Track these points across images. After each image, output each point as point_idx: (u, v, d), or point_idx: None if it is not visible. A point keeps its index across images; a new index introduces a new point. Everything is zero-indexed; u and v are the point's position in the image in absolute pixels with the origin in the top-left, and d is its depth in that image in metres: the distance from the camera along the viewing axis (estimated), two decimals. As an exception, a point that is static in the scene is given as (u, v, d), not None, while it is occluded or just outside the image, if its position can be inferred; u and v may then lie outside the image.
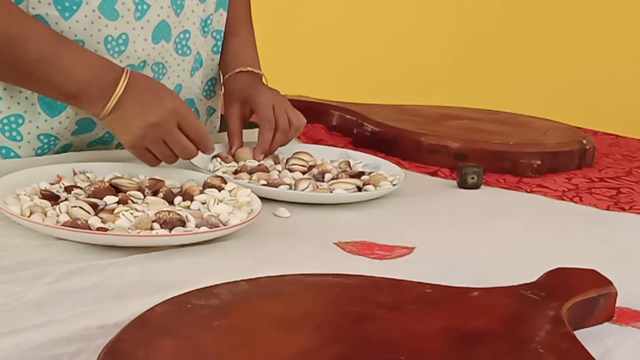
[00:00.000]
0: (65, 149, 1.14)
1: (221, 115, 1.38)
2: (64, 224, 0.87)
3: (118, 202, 0.94)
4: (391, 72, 2.57)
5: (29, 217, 0.88)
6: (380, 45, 2.63)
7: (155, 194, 0.99)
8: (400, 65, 2.58)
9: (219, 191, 1.01)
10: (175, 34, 1.17)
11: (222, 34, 1.28)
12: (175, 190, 1.01)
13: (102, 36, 1.09)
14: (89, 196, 0.94)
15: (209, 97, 1.31)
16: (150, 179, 1.01)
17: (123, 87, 1.02)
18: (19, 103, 1.10)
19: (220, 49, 1.29)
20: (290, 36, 2.51)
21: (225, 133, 1.37)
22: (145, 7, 1.12)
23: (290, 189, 1.07)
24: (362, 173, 1.15)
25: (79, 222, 0.87)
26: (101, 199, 0.94)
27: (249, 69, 1.27)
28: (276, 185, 1.07)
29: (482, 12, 2.46)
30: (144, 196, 0.98)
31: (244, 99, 1.23)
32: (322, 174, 1.13)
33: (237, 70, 1.26)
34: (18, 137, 1.11)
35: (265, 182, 1.08)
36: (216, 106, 1.34)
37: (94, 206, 0.92)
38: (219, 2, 1.26)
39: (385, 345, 0.66)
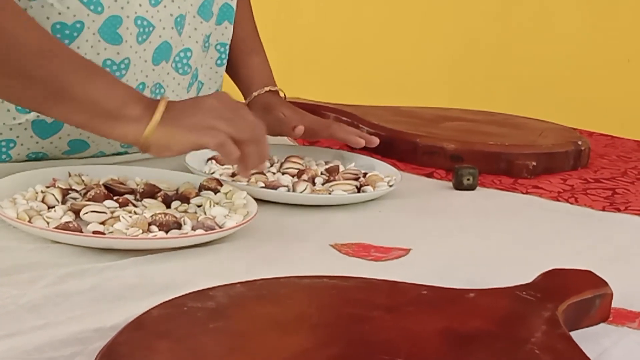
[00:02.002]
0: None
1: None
2: (59, 227, 0.86)
3: (119, 205, 0.94)
4: (387, 74, 2.57)
5: (29, 221, 0.88)
6: (376, 47, 2.63)
7: (150, 197, 0.99)
8: (396, 67, 2.58)
9: (215, 194, 1.01)
10: (175, 53, 1.16)
11: (227, 47, 1.27)
12: (170, 194, 1.01)
13: (100, 60, 1.07)
14: (88, 200, 0.94)
15: None
16: (145, 184, 1.01)
17: (168, 99, 0.95)
18: (11, 129, 1.08)
19: (224, 62, 1.28)
20: (286, 38, 2.51)
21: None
22: (150, 29, 1.11)
23: (288, 191, 1.07)
24: (357, 176, 1.15)
25: (70, 225, 0.87)
26: (101, 203, 0.94)
27: (277, 88, 1.29)
28: (274, 187, 1.07)
29: (478, 14, 2.47)
30: (136, 200, 0.97)
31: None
32: (312, 179, 1.13)
33: (267, 89, 1.27)
34: (7, 159, 1.10)
35: (263, 185, 1.08)
36: None
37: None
38: (224, 15, 1.25)
39: (382, 347, 0.66)
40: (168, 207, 0.97)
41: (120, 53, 1.09)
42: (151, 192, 0.99)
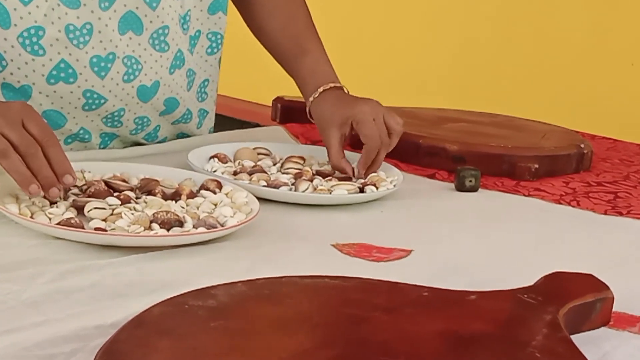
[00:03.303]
0: None
1: (216, 115, 1.38)
2: (61, 223, 0.86)
3: (121, 202, 0.94)
4: (389, 74, 2.57)
5: (31, 216, 0.89)
6: (379, 47, 2.63)
7: (149, 194, 0.99)
8: (398, 68, 2.58)
9: (215, 194, 1.00)
10: (151, 28, 1.16)
11: (219, 37, 1.27)
12: (168, 191, 1.00)
13: (62, 24, 1.08)
14: (90, 197, 0.94)
15: (201, 100, 1.30)
16: (142, 179, 1.01)
17: None
18: None
19: (215, 51, 1.28)
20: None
21: (222, 133, 1.36)
22: None
23: (290, 190, 1.07)
24: (350, 178, 1.14)
25: (72, 222, 0.87)
26: (103, 200, 0.94)
27: (331, 85, 1.22)
28: (276, 186, 1.07)
29: (481, 15, 2.46)
30: (136, 196, 0.97)
31: (342, 120, 1.16)
32: (312, 179, 1.12)
33: (321, 90, 1.21)
34: None
35: (265, 183, 1.08)
36: (209, 108, 1.33)
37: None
38: (217, 5, 1.25)
39: (382, 348, 0.66)
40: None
41: (80, 17, 1.09)
42: (148, 185, 0.99)
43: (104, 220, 0.90)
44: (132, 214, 0.91)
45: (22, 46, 1.08)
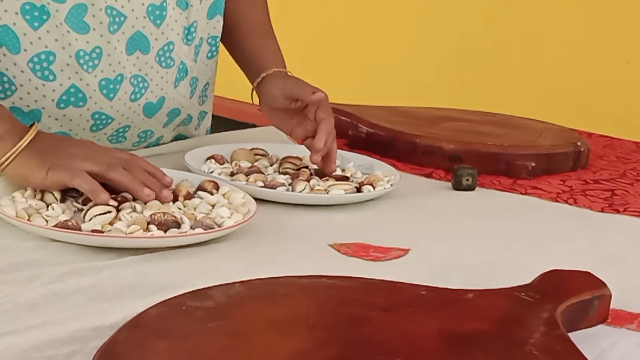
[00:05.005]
0: None
1: (212, 116, 1.38)
2: (58, 225, 0.86)
3: (119, 204, 0.94)
4: (386, 73, 2.57)
5: (28, 219, 0.88)
6: (376, 46, 2.63)
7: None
8: (395, 67, 2.58)
9: (212, 195, 1.00)
10: (157, 46, 1.16)
11: (218, 40, 1.27)
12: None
13: (73, 50, 1.08)
14: (84, 200, 0.94)
15: (201, 103, 1.30)
16: None
17: (36, 131, 0.96)
18: None
19: (214, 55, 1.28)
20: (284, 37, 2.51)
21: (218, 135, 1.36)
22: (122, 19, 1.11)
23: (287, 190, 1.07)
24: (347, 177, 1.14)
25: (69, 224, 0.86)
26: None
27: (287, 71, 1.25)
28: (273, 187, 1.07)
29: (477, 14, 2.47)
30: (133, 198, 0.97)
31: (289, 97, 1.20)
32: (308, 181, 1.12)
33: (276, 70, 1.25)
34: None
35: (262, 184, 1.08)
36: (207, 109, 1.33)
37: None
38: (215, 9, 1.24)
39: (380, 347, 0.66)
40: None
41: (90, 42, 1.09)
42: None
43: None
44: (130, 215, 0.91)
45: (33, 71, 1.07)
